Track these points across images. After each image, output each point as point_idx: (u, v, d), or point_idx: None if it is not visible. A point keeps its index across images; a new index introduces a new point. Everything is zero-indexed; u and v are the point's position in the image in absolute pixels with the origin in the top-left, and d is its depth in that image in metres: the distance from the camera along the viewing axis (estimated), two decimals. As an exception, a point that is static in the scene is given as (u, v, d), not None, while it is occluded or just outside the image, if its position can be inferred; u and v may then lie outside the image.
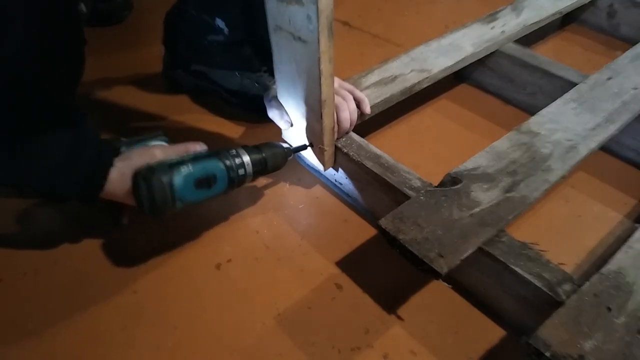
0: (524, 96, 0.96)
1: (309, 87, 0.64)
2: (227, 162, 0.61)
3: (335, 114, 0.69)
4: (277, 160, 0.67)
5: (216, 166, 0.60)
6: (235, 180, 0.62)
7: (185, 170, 0.57)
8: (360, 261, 0.69)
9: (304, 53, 0.60)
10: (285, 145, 0.68)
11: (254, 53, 0.89)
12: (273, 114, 0.74)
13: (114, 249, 0.69)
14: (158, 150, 0.61)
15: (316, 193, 0.79)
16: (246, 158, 0.63)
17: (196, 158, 0.60)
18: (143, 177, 0.56)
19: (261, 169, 0.65)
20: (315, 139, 0.71)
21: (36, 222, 0.72)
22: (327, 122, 0.67)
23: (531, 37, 1.07)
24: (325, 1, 0.53)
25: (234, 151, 0.63)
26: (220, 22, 0.87)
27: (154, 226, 0.72)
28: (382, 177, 0.69)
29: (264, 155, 0.65)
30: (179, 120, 0.91)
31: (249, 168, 0.63)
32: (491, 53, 0.96)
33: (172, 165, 0.57)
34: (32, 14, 0.49)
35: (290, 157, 0.69)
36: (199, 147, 0.64)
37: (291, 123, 0.73)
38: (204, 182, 0.59)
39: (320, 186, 0.80)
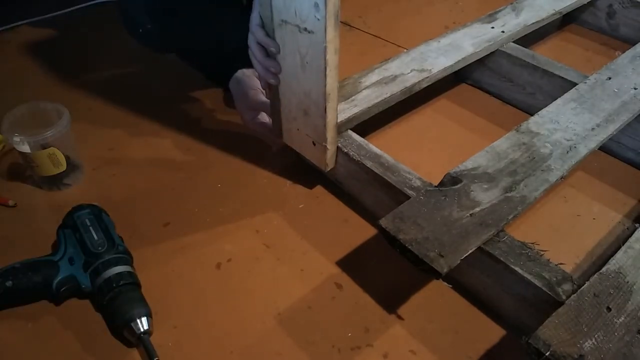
0: (524, 96, 0.96)
1: (313, 81, 0.64)
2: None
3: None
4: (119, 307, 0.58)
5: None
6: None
7: None
8: (360, 261, 0.69)
9: (309, 45, 0.60)
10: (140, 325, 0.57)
11: None
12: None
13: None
14: None
15: (316, 193, 0.79)
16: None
17: None
18: None
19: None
20: (317, 137, 0.70)
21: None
22: (331, 117, 0.67)
23: (531, 37, 1.07)
24: None
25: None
26: None
27: (154, 226, 0.72)
28: (382, 176, 0.69)
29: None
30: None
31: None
32: (491, 53, 0.96)
33: None
34: None
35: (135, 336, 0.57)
36: None
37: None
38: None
39: (321, 186, 0.80)
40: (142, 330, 0.57)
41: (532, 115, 0.78)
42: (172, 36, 0.87)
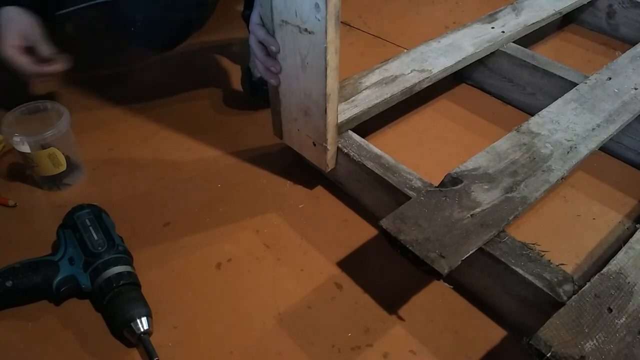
0: (524, 96, 0.96)
1: (313, 81, 0.64)
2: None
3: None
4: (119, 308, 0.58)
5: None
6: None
7: None
8: (360, 261, 0.69)
9: (309, 45, 0.60)
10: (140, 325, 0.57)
11: None
12: None
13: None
14: None
15: (316, 193, 0.79)
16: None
17: None
18: None
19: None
20: (318, 137, 0.70)
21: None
22: (331, 117, 0.67)
23: (531, 37, 1.07)
24: None
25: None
26: None
27: (154, 226, 0.72)
28: (382, 177, 0.69)
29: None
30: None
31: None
32: (491, 53, 0.96)
33: None
34: None
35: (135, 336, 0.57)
36: None
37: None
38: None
39: (321, 186, 0.80)
40: (142, 330, 0.57)
41: (532, 115, 0.78)
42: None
